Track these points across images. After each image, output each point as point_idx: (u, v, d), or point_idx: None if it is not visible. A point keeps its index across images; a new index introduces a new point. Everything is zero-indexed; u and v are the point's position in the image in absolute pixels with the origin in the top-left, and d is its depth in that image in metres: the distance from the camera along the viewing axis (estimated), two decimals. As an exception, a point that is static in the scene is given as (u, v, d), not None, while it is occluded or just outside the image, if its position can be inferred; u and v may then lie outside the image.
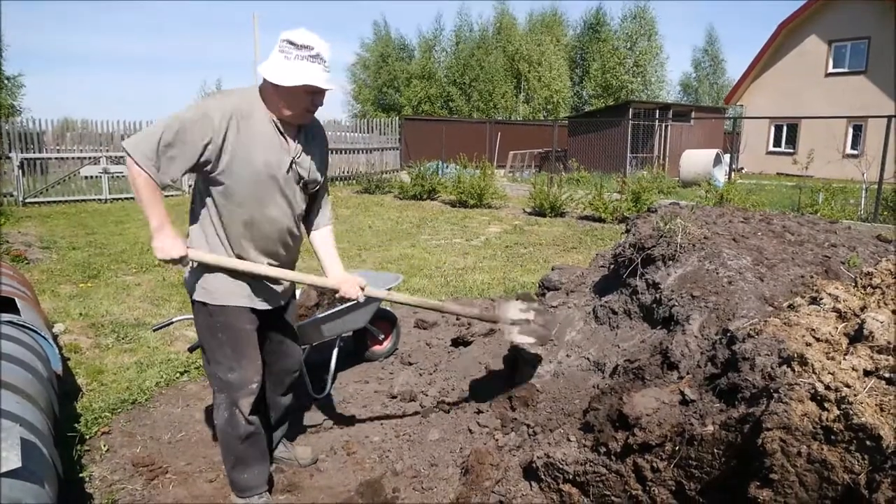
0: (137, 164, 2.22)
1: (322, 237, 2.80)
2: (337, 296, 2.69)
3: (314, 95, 2.38)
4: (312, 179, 2.60)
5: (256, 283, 2.56)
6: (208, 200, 2.44)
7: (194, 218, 2.52)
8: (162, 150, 2.24)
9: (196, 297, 2.52)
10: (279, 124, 2.42)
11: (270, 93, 2.37)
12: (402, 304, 3.13)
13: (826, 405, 1.78)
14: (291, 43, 2.28)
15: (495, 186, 14.04)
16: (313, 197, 2.72)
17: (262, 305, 2.60)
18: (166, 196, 14.96)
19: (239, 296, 2.52)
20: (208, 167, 2.34)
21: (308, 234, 2.80)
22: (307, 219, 2.76)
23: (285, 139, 2.46)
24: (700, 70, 48.03)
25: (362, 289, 2.69)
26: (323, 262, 2.79)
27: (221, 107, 2.31)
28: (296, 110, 2.40)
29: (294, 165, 2.50)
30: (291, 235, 2.63)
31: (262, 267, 2.51)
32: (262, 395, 2.70)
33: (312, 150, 2.57)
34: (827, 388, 1.81)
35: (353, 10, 75.66)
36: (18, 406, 2.39)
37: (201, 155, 2.29)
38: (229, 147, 2.32)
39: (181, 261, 2.36)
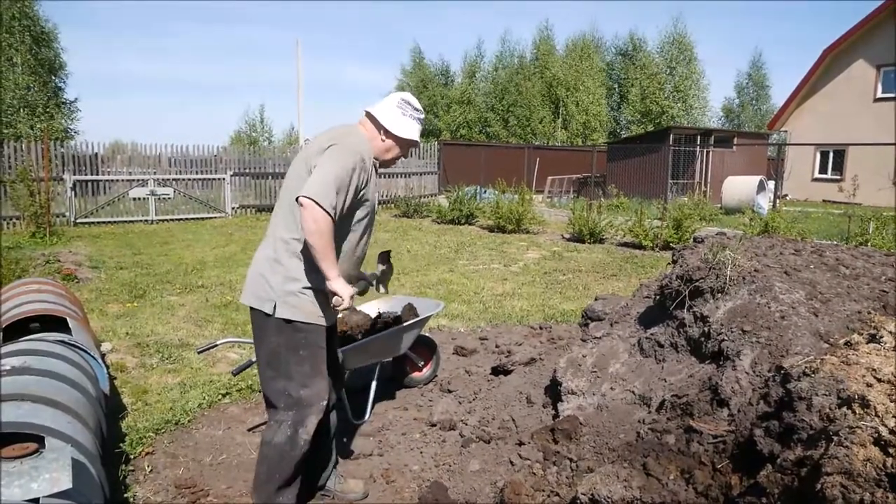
0: (328, 212, 2.43)
1: None
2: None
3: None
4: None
5: (327, 301, 2.69)
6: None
7: (293, 250, 2.65)
8: (338, 198, 2.49)
9: (281, 314, 2.62)
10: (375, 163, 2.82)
11: (379, 138, 2.80)
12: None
13: (890, 451, 1.70)
14: (409, 104, 2.83)
15: (533, 212, 13.98)
16: None
17: (329, 322, 2.78)
18: (210, 217, 15.42)
19: (321, 316, 2.70)
20: (357, 199, 2.66)
21: None
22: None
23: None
24: (743, 95, 47.24)
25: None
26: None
27: (364, 150, 2.69)
28: (397, 156, 2.89)
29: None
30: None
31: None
32: (324, 418, 2.81)
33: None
34: (891, 432, 1.73)
35: (393, 37, 76.81)
36: (70, 426, 2.44)
37: (361, 193, 2.64)
38: (370, 183, 2.71)
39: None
